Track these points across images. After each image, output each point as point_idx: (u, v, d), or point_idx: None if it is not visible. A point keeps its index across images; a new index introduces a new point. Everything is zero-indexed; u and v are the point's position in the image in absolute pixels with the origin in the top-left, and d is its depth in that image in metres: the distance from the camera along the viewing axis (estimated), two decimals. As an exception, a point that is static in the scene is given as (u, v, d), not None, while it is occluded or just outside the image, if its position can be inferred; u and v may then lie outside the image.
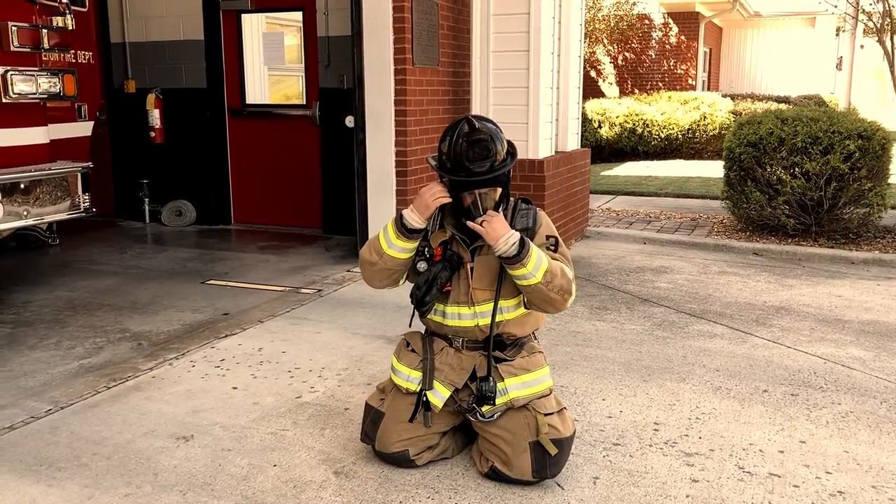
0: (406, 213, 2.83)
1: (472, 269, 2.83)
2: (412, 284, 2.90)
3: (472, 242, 2.85)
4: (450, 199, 2.81)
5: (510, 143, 2.86)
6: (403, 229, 2.82)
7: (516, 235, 2.71)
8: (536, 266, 2.70)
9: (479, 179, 2.74)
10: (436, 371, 2.89)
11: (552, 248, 2.85)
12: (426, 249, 2.86)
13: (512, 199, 2.94)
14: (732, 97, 16.59)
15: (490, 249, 2.82)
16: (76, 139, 5.96)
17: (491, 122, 2.86)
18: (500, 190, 2.82)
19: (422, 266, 2.84)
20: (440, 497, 2.72)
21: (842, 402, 3.59)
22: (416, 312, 2.95)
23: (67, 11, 5.13)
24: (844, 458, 3.05)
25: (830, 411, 3.49)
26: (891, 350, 4.34)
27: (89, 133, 6.22)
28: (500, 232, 2.71)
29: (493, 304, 2.82)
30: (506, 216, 2.86)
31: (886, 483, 2.85)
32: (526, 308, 2.88)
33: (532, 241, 2.79)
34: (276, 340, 4.38)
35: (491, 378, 2.82)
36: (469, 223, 2.78)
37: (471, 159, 2.73)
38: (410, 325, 3.06)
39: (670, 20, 18.42)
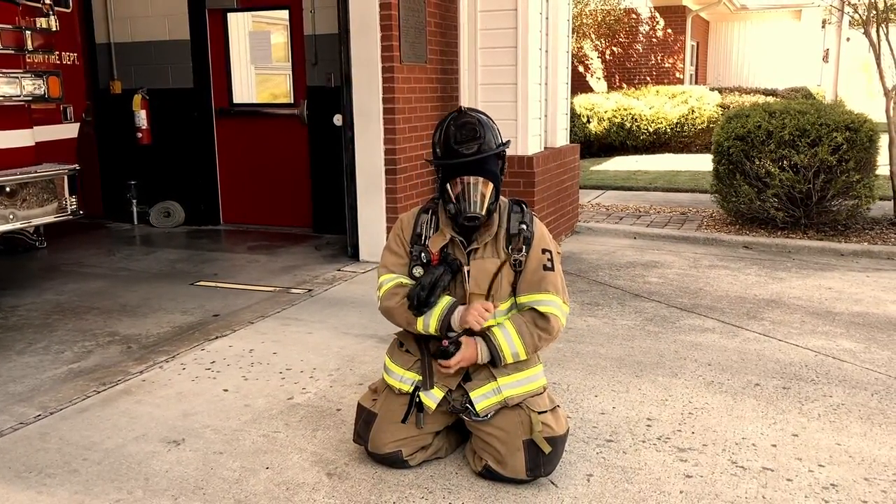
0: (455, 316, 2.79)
1: (468, 272, 2.82)
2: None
3: (468, 244, 2.84)
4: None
5: (503, 139, 2.85)
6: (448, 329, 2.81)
7: (484, 347, 2.76)
8: (513, 352, 2.77)
9: (466, 160, 2.72)
10: (431, 372, 2.88)
11: (548, 264, 2.82)
12: (422, 254, 2.84)
13: (505, 199, 2.92)
14: (720, 90, 16.64)
15: (485, 252, 2.81)
16: (62, 141, 5.92)
17: (484, 114, 2.86)
18: (490, 185, 2.78)
19: (418, 272, 2.83)
20: (434, 497, 2.72)
21: (833, 395, 3.60)
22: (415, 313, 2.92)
23: (51, 12, 5.09)
24: (837, 450, 3.06)
25: (822, 404, 3.50)
26: (881, 341, 4.36)
27: (75, 135, 6.17)
28: (472, 355, 2.77)
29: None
30: (498, 217, 2.85)
31: (878, 475, 2.86)
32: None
33: (528, 251, 2.80)
34: (267, 341, 4.36)
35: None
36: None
37: (458, 141, 2.73)
38: None
39: (657, 14, 18.45)
